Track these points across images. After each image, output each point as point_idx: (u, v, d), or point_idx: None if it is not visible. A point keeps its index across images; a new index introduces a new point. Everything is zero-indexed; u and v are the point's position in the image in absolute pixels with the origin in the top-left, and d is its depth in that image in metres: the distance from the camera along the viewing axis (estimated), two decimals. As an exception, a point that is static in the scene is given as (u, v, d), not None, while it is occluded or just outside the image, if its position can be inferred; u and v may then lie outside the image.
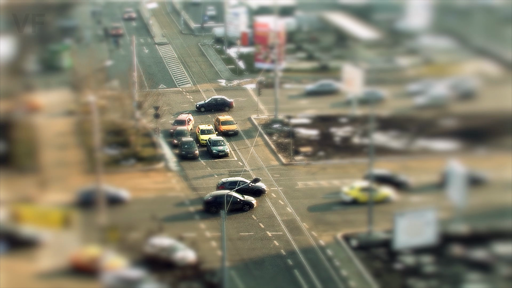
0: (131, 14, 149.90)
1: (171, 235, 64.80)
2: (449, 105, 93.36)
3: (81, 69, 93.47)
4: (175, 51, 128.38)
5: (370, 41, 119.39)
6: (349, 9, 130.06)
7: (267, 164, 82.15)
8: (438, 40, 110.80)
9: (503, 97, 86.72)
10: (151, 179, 78.11)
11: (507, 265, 60.66)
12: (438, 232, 61.73)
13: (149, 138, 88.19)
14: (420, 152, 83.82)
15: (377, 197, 68.97)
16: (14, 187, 71.06)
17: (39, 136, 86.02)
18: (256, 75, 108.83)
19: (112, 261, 58.40)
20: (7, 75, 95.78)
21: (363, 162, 77.50)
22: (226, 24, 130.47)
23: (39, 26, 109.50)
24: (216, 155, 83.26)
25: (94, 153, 69.53)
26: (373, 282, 59.13)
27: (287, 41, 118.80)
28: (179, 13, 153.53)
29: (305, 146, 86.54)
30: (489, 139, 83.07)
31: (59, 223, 54.48)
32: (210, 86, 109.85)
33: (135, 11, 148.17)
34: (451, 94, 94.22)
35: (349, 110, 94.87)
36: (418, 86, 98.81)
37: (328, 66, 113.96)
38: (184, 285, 58.21)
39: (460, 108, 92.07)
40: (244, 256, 63.08)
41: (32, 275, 59.25)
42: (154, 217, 68.00)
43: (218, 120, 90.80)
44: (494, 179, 73.00)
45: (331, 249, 64.30)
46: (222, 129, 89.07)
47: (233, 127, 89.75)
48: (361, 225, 67.11)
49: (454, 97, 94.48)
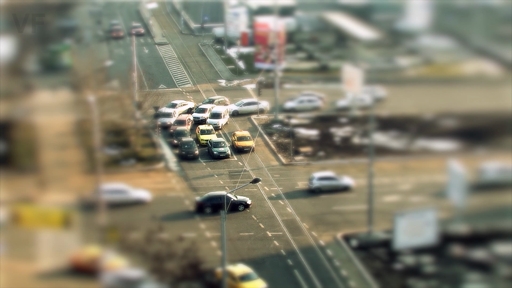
0: (139, 29, 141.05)
1: (171, 235, 64.92)
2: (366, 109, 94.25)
3: (81, 69, 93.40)
4: (175, 51, 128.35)
5: (370, 41, 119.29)
6: (349, 9, 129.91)
7: (267, 164, 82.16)
8: (438, 40, 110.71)
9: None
10: (151, 179, 78.09)
11: (507, 265, 60.65)
12: (438, 232, 61.77)
13: (149, 138, 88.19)
14: (420, 152, 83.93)
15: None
16: (14, 187, 71.03)
17: (39, 136, 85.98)
18: (256, 75, 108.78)
19: (112, 261, 58.39)
20: (7, 75, 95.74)
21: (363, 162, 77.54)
22: (226, 24, 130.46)
23: (39, 26, 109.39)
24: (217, 157, 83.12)
25: (94, 153, 69.50)
26: (373, 282, 59.13)
27: (287, 41, 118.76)
28: (179, 13, 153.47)
29: (305, 146, 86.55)
30: (489, 139, 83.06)
31: (59, 223, 54.36)
32: (210, 86, 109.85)
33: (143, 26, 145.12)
34: (366, 99, 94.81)
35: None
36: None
37: (328, 66, 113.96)
38: (184, 285, 58.25)
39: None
40: (244, 256, 63.07)
41: (32, 275, 59.26)
42: (154, 217, 68.05)
43: (234, 135, 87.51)
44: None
45: (331, 249, 64.31)
46: (238, 145, 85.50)
47: (249, 143, 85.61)
48: (361, 225, 67.13)
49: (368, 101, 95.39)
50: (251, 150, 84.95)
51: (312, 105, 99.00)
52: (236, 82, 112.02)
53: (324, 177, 75.87)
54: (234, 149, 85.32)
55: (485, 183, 69.49)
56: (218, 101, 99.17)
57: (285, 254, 63.60)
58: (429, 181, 75.63)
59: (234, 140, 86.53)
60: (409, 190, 74.78)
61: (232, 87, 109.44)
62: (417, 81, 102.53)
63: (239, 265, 59.21)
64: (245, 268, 58.76)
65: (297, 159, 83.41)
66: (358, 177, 76.24)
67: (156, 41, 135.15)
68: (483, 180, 69.74)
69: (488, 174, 70.06)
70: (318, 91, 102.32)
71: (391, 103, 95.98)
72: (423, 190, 74.09)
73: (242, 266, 59.17)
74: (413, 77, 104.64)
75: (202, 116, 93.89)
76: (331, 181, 75.67)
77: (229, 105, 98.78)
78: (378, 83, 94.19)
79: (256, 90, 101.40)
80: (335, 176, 76.24)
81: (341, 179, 76.14)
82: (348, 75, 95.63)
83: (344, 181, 76.06)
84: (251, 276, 58.12)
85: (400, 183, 76.41)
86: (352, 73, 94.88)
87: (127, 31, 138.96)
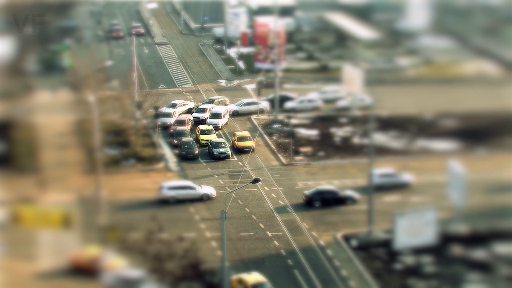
0: (139, 29, 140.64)
1: (171, 235, 64.93)
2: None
3: (81, 69, 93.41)
4: (175, 51, 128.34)
5: (370, 41, 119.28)
6: (349, 9, 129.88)
7: (267, 164, 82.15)
8: (438, 40, 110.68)
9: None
10: (151, 179, 78.08)
11: (507, 265, 60.65)
12: (438, 232, 61.76)
13: (149, 138, 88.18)
14: (420, 152, 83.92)
15: None
16: (14, 187, 71.03)
17: (39, 136, 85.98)
18: (256, 75, 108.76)
19: (112, 261, 58.39)
20: (7, 75, 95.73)
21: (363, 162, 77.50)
22: (226, 24, 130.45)
23: (39, 26, 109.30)
24: (218, 157, 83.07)
25: (94, 153, 69.57)
26: (373, 282, 59.14)
27: (287, 41, 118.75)
28: (179, 13, 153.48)
29: (305, 146, 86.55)
30: (489, 139, 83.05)
31: (59, 223, 54.39)
32: (210, 86, 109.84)
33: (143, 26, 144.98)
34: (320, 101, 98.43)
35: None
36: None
37: (328, 66, 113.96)
38: (184, 285, 58.24)
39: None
40: (244, 256, 63.08)
41: (32, 275, 59.27)
42: (154, 217, 68.06)
43: (234, 136, 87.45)
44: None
45: (331, 249, 64.31)
46: (238, 145, 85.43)
47: (249, 143, 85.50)
48: (361, 225, 67.12)
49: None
50: (251, 150, 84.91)
51: (312, 105, 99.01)
52: (236, 82, 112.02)
53: (385, 174, 74.91)
54: (234, 149, 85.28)
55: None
56: (218, 101, 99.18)
57: (285, 254, 63.60)
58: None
59: (234, 140, 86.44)
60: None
61: (232, 87, 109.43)
62: (417, 81, 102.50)
63: (253, 274, 58.25)
64: (258, 277, 57.87)
65: (297, 159, 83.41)
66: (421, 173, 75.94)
67: (156, 41, 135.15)
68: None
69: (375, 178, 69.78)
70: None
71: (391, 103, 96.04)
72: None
73: (256, 274, 58.20)
74: (413, 77, 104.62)
75: (202, 116, 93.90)
76: (392, 178, 74.85)
77: (229, 105, 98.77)
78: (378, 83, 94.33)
79: (256, 90, 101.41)
80: (395, 173, 75.59)
81: (401, 176, 75.50)
82: (348, 75, 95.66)
83: (403, 177, 75.49)
84: (264, 285, 57.28)
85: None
86: (352, 73, 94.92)
87: (127, 31, 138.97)
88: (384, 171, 75.19)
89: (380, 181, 73.13)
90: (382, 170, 75.00)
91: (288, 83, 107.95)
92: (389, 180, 74.75)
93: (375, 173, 71.47)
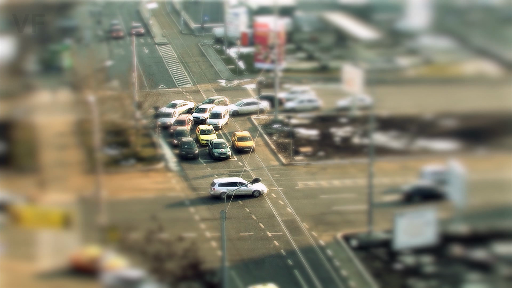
0: (139, 29, 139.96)
1: (171, 235, 64.92)
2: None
3: (81, 69, 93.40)
4: (175, 51, 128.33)
5: (370, 41, 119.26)
6: (349, 9, 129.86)
7: (267, 164, 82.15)
8: (438, 40, 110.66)
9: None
10: (151, 179, 78.11)
11: (507, 265, 60.65)
12: (438, 232, 61.75)
13: (149, 138, 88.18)
14: (420, 152, 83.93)
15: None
16: (14, 187, 71.03)
17: (39, 136, 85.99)
18: (256, 75, 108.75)
19: (112, 261, 58.39)
20: (7, 75, 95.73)
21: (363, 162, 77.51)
22: (226, 24, 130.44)
23: (39, 26, 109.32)
24: (218, 158, 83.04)
25: (94, 153, 69.57)
26: (373, 282, 59.14)
27: (287, 41, 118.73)
28: (179, 13, 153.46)
29: (305, 146, 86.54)
30: (489, 139, 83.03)
31: (59, 223, 54.43)
32: (210, 86, 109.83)
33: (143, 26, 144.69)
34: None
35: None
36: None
37: (328, 66, 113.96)
38: (184, 285, 58.25)
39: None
40: (244, 256, 63.10)
41: (32, 275, 59.27)
42: (154, 217, 68.05)
43: (234, 136, 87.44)
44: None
45: (331, 249, 64.31)
46: (238, 145, 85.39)
47: (249, 143, 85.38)
48: (361, 225, 67.12)
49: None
50: (251, 150, 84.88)
51: (312, 105, 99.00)
52: (236, 82, 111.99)
53: (437, 171, 73.71)
54: (234, 149, 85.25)
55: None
56: (218, 101, 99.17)
57: (285, 254, 63.60)
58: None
59: (234, 140, 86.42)
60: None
61: (232, 87, 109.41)
62: (417, 81, 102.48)
63: (269, 285, 57.32)
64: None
65: (297, 159, 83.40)
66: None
67: (156, 41, 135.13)
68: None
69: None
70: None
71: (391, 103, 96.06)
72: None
73: (272, 285, 57.29)
74: (413, 77, 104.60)
75: (202, 116, 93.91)
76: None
77: (229, 105, 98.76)
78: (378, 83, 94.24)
79: (256, 90, 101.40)
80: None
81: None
82: (348, 75, 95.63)
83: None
84: None
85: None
86: (352, 73, 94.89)
87: (127, 31, 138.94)
88: (436, 169, 74.20)
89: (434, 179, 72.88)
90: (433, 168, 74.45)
91: (288, 83, 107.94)
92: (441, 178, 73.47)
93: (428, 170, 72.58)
